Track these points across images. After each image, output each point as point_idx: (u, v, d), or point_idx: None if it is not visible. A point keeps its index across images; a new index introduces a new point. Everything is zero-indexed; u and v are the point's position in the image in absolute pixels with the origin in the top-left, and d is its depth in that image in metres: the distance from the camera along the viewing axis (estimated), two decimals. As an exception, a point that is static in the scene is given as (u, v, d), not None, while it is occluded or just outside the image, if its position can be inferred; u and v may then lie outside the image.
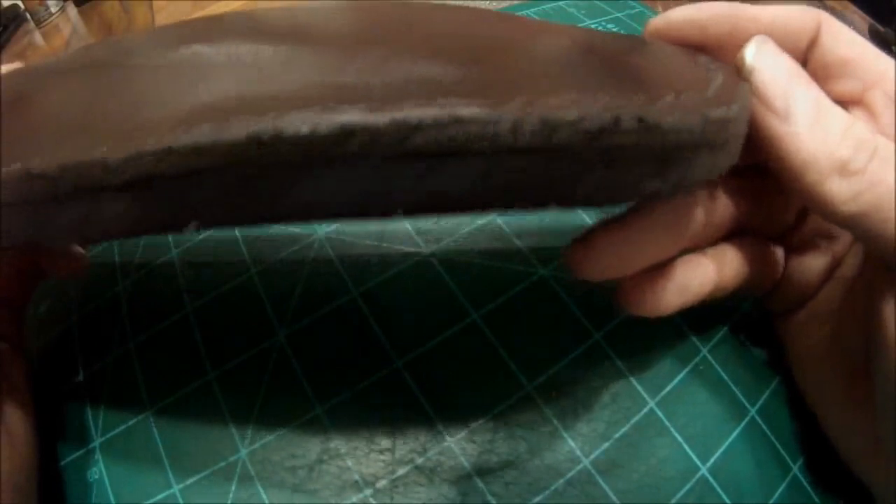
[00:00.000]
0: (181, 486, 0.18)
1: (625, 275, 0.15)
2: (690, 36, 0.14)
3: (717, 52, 0.14)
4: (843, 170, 0.12)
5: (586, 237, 0.14)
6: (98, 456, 0.19)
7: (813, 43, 0.14)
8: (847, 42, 0.14)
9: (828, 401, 0.17)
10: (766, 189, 0.16)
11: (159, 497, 0.18)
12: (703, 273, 0.16)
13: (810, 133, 0.12)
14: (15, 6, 0.75)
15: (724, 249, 0.17)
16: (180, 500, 0.18)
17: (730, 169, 0.12)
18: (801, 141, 0.12)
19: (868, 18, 0.45)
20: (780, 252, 0.18)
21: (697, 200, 0.16)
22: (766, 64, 0.12)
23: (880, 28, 0.43)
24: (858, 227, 0.12)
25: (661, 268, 0.15)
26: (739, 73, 0.12)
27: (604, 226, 0.14)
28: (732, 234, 0.17)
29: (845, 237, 0.17)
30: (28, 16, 0.76)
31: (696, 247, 0.16)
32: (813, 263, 0.17)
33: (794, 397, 0.19)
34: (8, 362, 0.18)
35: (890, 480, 0.15)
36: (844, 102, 0.15)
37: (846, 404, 0.16)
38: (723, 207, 0.16)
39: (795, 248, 0.17)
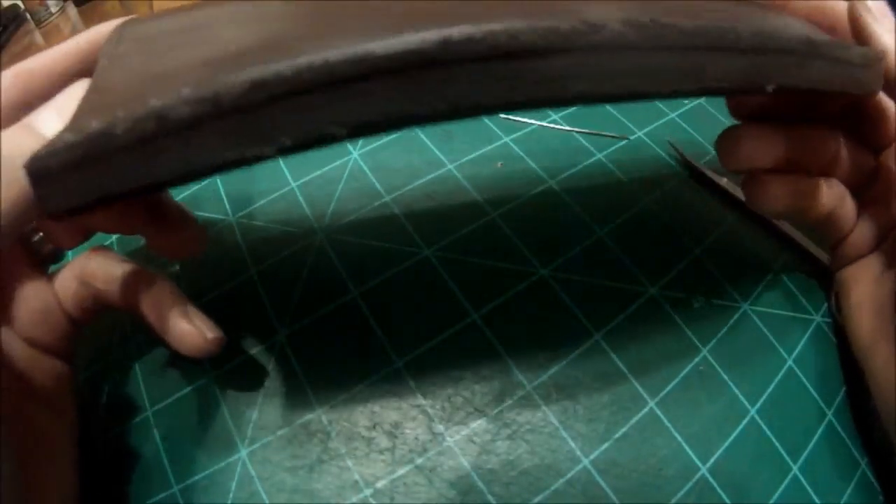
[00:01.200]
0: (181, 486, 0.18)
1: (758, 166, 0.19)
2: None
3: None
4: None
5: (737, 127, 0.19)
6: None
7: None
8: None
9: (879, 348, 0.18)
10: (852, 147, 0.20)
11: (159, 497, 0.18)
12: (809, 183, 0.19)
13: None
14: (15, 6, 0.75)
15: (825, 179, 0.20)
16: (180, 500, 0.18)
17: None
18: (889, 35, 0.17)
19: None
20: (855, 203, 0.21)
21: (832, 127, 0.19)
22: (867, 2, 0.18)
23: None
24: None
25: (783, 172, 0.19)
26: (852, 11, 0.18)
27: (752, 123, 0.19)
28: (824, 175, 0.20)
29: None
30: (28, 16, 0.76)
31: (806, 168, 0.20)
32: (883, 215, 0.20)
33: (793, 397, 0.19)
34: (64, 382, 0.18)
35: None
36: None
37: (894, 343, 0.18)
38: (837, 145, 0.20)
39: (870, 202, 0.20)
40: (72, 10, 0.78)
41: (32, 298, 0.17)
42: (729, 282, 0.21)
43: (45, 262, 0.18)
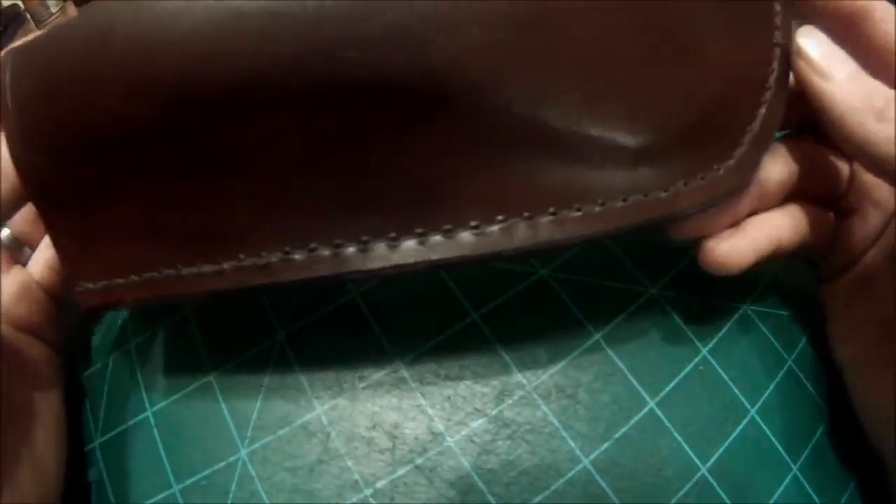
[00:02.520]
0: (181, 486, 0.18)
1: (708, 233, 0.18)
2: None
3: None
4: (880, 115, 0.14)
5: None
6: (98, 456, 0.19)
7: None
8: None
9: (859, 362, 0.18)
10: (820, 157, 0.19)
11: (159, 497, 0.18)
12: (769, 232, 0.18)
13: (848, 87, 0.15)
14: (15, 6, 0.76)
15: (785, 212, 0.18)
16: (180, 500, 0.18)
17: (789, 138, 0.18)
18: (840, 93, 0.15)
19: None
20: (831, 217, 0.19)
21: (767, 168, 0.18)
22: (811, 42, 0.16)
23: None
24: (893, 169, 0.14)
25: (736, 228, 0.18)
26: (796, 51, 0.16)
27: None
28: (791, 199, 0.19)
29: (887, 206, 0.18)
30: (28, 16, 0.76)
31: (763, 209, 0.18)
32: (859, 229, 0.19)
33: (793, 397, 0.19)
34: (46, 366, 0.18)
35: None
36: None
37: (876, 365, 0.17)
38: (787, 173, 0.18)
39: (845, 214, 0.19)
40: (72, 10, 0.78)
41: (7, 279, 0.17)
42: (729, 282, 0.21)
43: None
